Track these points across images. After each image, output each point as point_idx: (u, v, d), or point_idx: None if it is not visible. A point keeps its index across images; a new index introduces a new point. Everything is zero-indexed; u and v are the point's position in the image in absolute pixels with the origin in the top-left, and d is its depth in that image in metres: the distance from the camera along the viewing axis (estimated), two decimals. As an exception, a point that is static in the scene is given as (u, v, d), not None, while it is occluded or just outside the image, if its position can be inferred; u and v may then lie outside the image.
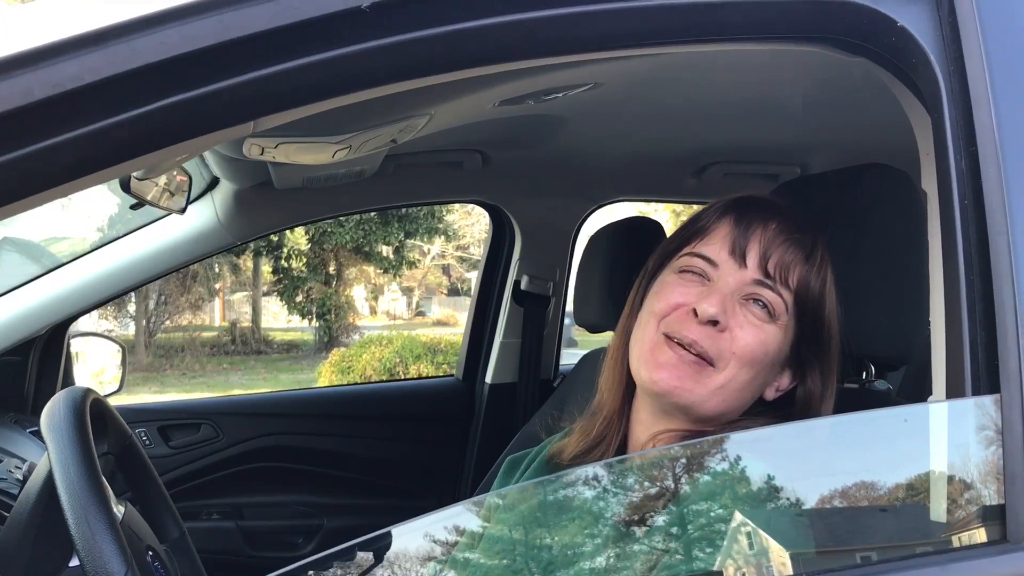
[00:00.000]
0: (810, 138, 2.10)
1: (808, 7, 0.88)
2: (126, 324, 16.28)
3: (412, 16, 0.76)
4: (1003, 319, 0.78)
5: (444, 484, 2.57)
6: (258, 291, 19.17)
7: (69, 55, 0.67)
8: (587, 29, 0.83)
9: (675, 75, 1.60)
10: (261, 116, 0.77)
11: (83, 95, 0.68)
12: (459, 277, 26.47)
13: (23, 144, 0.67)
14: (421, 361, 9.62)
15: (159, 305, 16.15)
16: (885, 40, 0.89)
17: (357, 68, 0.77)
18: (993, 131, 0.83)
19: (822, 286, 1.05)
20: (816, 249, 1.06)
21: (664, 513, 0.79)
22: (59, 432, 0.99)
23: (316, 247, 16.21)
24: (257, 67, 0.73)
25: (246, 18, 0.72)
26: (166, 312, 16.73)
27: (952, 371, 0.80)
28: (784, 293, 1.03)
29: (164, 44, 0.70)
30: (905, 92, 0.93)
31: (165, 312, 16.69)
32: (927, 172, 0.91)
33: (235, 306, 20.78)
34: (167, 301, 16.29)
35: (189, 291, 16.43)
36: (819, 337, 1.05)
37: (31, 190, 0.69)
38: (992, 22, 0.87)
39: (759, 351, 1.01)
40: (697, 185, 2.39)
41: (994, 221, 0.81)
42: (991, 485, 0.76)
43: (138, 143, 0.72)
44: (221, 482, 2.38)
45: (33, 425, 2.01)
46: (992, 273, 0.80)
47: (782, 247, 1.04)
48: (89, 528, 0.89)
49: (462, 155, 2.17)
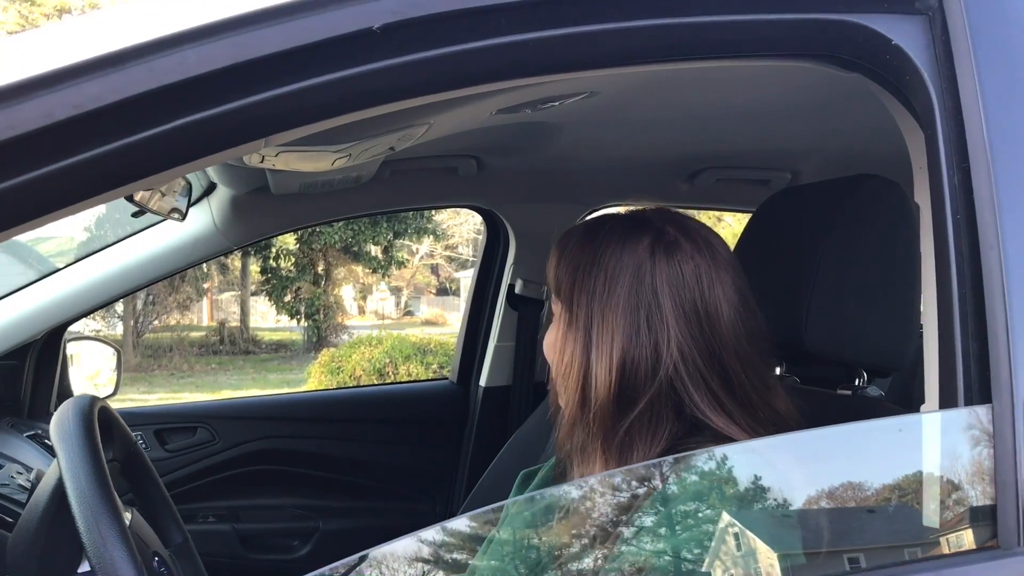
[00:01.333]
0: (801, 144, 2.12)
1: (804, 25, 0.91)
2: (114, 324, 16.22)
3: (421, 37, 0.78)
4: (994, 331, 0.81)
5: (439, 486, 2.59)
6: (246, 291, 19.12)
7: (89, 76, 0.69)
8: (590, 48, 0.85)
9: (669, 84, 1.62)
10: (273, 133, 0.79)
11: (103, 115, 0.69)
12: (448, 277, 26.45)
13: (45, 163, 0.68)
14: (411, 361, 9.62)
15: (147, 305, 16.09)
16: (879, 57, 0.91)
17: (368, 87, 0.79)
18: (985, 148, 0.85)
19: (571, 271, 1.06)
20: (567, 245, 1.09)
21: (653, 521, 0.81)
22: (69, 440, 1.00)
23: (305, 247, 16.19)
24: (272, 87, 0.75)
25: (262, 39, 0.73)
26: (154, 312, 16.67)
27: (945, 381, 0.83)
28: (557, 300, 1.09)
29: (182, 64, 0.71)
30: (899, 108, 0.95)
31: (153, 312, 16.64)
32: (920, 186, 0.93)
33: (223, 306, 20.72)
34: (155, 301, 16.24)
35: (177, 291, 16.38)
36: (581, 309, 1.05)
37: (53, 207, 0.71)
38: (984, 41, 0.89)
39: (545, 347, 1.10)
40: (689, 190, 2.41)
41: (986, 236, 0.83)
42: (983, 493, 0.78)
43: (155, 162, 0.73)
44: (217, 485, 2.39)
45: (30, 430, 2.02)
46: (984, 286, 0.82)
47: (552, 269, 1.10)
48: (100, 536, 0.90)
49: (457, 161, 2.19)
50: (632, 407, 0.99)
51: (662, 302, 1.00)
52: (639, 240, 1.04)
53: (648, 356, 0.99)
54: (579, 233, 1.09)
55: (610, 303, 1.01)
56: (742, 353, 1.02)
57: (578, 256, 1.06)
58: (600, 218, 1.11)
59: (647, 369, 0.99)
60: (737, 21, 0.88)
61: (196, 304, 19.22)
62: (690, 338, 1.00)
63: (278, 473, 2.46)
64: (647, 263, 1.02)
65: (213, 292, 20.27)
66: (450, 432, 2.61)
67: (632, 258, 1.02)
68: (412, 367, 9.59)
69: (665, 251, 1.03)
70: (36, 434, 1.99)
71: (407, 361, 9.62)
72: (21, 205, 0.69)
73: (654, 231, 1.05)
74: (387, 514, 2.52)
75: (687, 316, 1.01)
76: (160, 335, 17.03)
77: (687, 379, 1.00)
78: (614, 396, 1.00)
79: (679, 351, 0.99)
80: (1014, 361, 0.79)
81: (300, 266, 16.76)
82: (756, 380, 1.03)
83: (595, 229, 1.08)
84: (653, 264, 1.02)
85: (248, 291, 19.00)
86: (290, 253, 16.50)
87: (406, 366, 9.59)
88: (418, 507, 2.56)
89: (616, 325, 1.01)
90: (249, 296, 19.16)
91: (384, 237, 16.18)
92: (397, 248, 17.95)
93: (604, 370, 1.00)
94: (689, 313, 1.01)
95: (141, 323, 16.37)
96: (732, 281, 1.04)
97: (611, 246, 1.04)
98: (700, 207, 2.90)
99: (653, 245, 1.03)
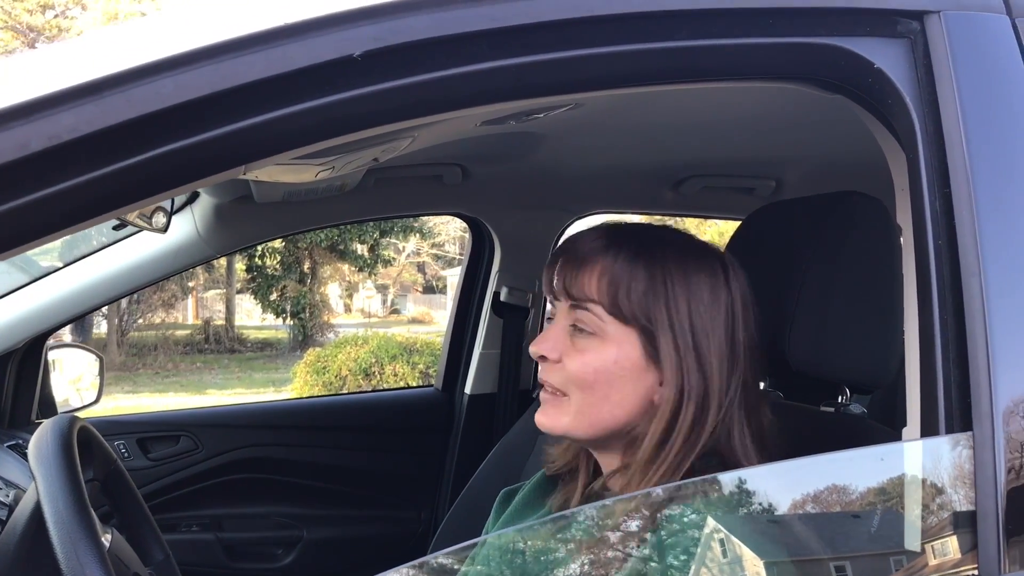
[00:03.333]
0: (786, 153, 2.12)
1: (788, 49, 0.91)
2: (98, 323, 16.14)
3: (402, 63, 0.78)
4: (975, 358, 0.81)
5: (424, 494, 2.58)
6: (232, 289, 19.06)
7: (65, 106, 0.68)
8: (574, 72, 0.85)
9: (654, 95, 1.62)
10: (253, 160, 0.79)
11: (79, 146, 0.68)
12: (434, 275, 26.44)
13: (19, 195, 0.67)
14: (397, 361, 9.60)
15: (131, 303, 16.02)
16: (862, 81, 0.92)
17: (348, 113, 0.78)
18: (967, 172, 0.86)
19: (645, 285, 1.04)
20: (618, 253, 1.06)
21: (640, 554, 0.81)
22: (47, 465, 0.99)
23: (290, 245, 16.15)
24: (251, 115, 0.74)
25: (240, 67, 0.73)
26: (138, 310, 16.61)
27: (926, 408, 0.83)
28: (594, 308, 1.05)
29: (159, 94, 0.71)
30: (881, 130, 0.95)
31: (138, 310, 16.57)
32: (902, 207, 0.93)
33: (208, 304, 20.66)
34: (139, 299, 16.17)
35: (162, 289, 16.31)
36: (662, 332, 1.04)
37: (27, 238, 0.70)
38: (966, 64, 0.89)
39: (588, 371, 1.05)
40: (675, 198, 2.41)
41: (967, 262, 0.83)
42: (964, 520, 0.79)
43: (131, 192, 0.73)
44: (200, 494, 2.37)
45: (11, 439, 2.00)
46: (965, 313, 0.82)
47: (583, 268, 1.07)
48: (78, 561, 0.90)
49: (442, 169, 2.18)
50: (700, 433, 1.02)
51: (737, 336, 1.06)
52: (714, 270, 1.07)
53: (725, 386, 1.04)
54: (636, 254, 1.06)
55: (709, 333, 1.04)
56: (754, 372, 1.08)
57: (650, 279, 1.04)
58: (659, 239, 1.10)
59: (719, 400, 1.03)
60: (722, 45, 0.88)
61: (181, 302, 19.16)
62: (748, 367, 1.06)
63: (262, 481, 2.44)
64: (723, 291, 1.06)
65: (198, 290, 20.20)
66: (435, 439, 2.61)
67: (712, 284, 1.06)
68: (398, 367, 9.56)
69: (734, 279, 1.08)
70: (16, 444, 1.98)
71: (393, 361, 9.60)
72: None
73: (718, 258, 1.09)
74: (372, 522, 2.51)
75: (751, 346, 1.07)
76: (144, 333, 16.96)
77: (737, 408, 1.04)
78: (691, 421, 1.02)
79: (742, 380, 1.05)
80: (995, 389, 0.80)
81: (286, 264, 16.72)
82: (752, 397, 1.07)
83: (654, 251, 1.07)
84: (729, 292, 1.07)
85: (234, 289, 18.95)
86: (276, 251, 16.45)
87: (392, 366, 9.56)
88: (403, 515, 2.56)
89: (710, 351, 1.03)
90: (235, 294, 19.10)
91: (370, 235, 16.17)
92: (383, 246, 17.93)
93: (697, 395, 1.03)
94: (753, 342, 1.07)
95: (125, 321, 16.30)
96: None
97: (695, 274, 1.06)
98: (685, 215, 2.90)
99: (725, 273, 1.07)
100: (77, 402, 2.32)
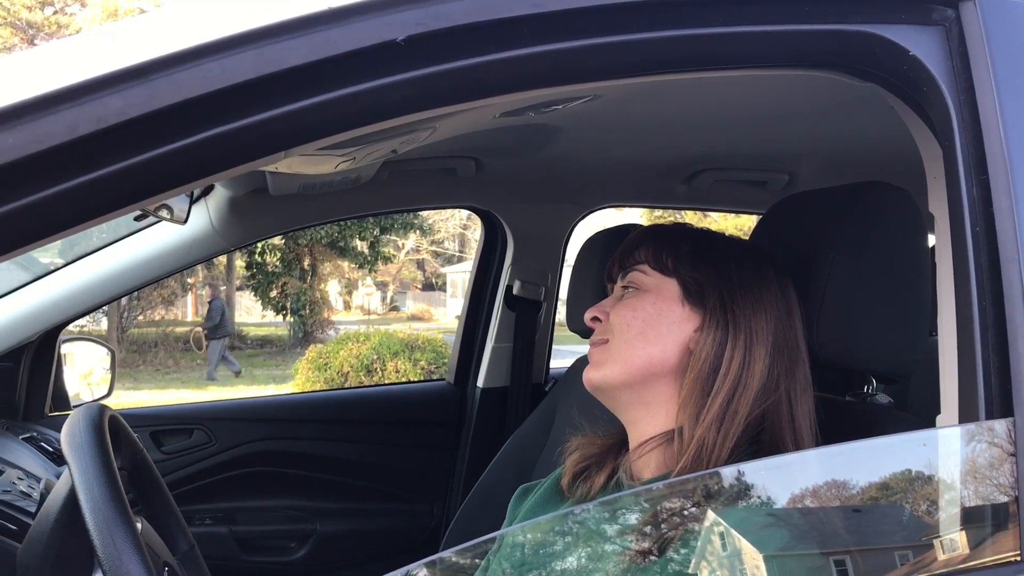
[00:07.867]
0: (799, 146, 2.12)
1: (822, 36, 0.90)
2: (98, 319, 16.13)
3: (443, 48, 0.77)
4: (1016, 344, 0.81)
5: (436, 488, 2.58)
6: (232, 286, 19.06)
7: (113, 90, 0.68)
8: (611, 58, 0.85)
9: (670, 86, 1.62)
10: (294, 146, 0.78)
11: (126, 129, 0.68)
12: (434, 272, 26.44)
13: (68, 178, 0.67)
14: (399, 358, 9.59)
15: (132, 300, 16.01)
16: (896, 68, 0.91)
17: (389, 98, 0.78)
18: (1005, 159, 0.85)
19: (690, 246, 1.16)
20: (665, 229, 1.21)
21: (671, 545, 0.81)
22: (81, 451, 0.99)
23: (290, 242, 16.14)
24: (294, 99, 0.74)
25: (284, 52, 0.73)
26: (139, 307, 16.60)
27: (965, 394, 0.83)
28: (640, 267, 1.16)
29: (205, 78, 0.70)
30: (914, 119, 0.95)
31: (138, 307, 16.57)
32: (936, 197, 0.93)
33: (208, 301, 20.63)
34: (139, 296, 16.15)
35: (162, 285, 16.30)
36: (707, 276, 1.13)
37: (76, 220, 0.70)
38: (1003, 51, 0.89)
39: (627, 313, 1.13)
40: (687, 192, 2.41)
41: (1006, 249, 0.83)
42: (1005, 506, 0.78)
43: (177, 176, 0.73)
44: (214, 487, 2.37)
45: (26, 432, 2.00)
46: (1004, 299, 0.82)
47: (635, 246, 1.19)
48: (115, 548, 0.89)
49: (456, 162, 2.18)
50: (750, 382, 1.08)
51: (795, 323, 1.13)
52: (765, 267, 1.15)
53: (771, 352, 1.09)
54: (683, 231, 1.21)
55: (753, 303, 1.11)
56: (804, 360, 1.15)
57: (695, 243, 1.16)
58: (714, 233, 1.22)
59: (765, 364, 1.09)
60: (757, 32, 0.87)
61: (181, 299, 19.15)
62: (797, 350, 1.13)
63: (275, 475, 2.44)
64: (773, 283, 1.14)
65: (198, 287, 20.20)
66: (447, 433, 2.61)
67: (761, 275, 1.14)
68: (400, 363, 9.56)
69: (785, 278, 1.16)
70: (32, 436, 1.97)
71: (395, 358, 9.60)
72: (46, 218, 0.68)
73: (771, 263, 1.16)
74: (384, 516, 2.51)
75: (800, 334, 1.14)
76: (145, 330, 16.96)
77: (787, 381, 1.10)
78: (737, 369, 1.07)
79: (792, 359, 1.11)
80: (1036, 375, 0.79)
81: (286, 261, 16.73)
82: (803, 378, 1.13)
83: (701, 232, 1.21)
84: (778, 286, 1.14)
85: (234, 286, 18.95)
86: (276, 248, 16.45)
87: (394, 363, 9.56)
88: (415, 509, 2.56)
89: (755, 317, 1.10)
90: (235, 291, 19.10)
91: (370, 232, 16.17)
92: (383, 243, 17.93)
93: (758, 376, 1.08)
94: (801, 332, 1.15)
95: (126, 318, 16.29)
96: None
97: (748, 259, 1.15)
98: (697, 208, 2.90)
99: (776, 271, 1.15)
100: (88, 396, 2.32)
